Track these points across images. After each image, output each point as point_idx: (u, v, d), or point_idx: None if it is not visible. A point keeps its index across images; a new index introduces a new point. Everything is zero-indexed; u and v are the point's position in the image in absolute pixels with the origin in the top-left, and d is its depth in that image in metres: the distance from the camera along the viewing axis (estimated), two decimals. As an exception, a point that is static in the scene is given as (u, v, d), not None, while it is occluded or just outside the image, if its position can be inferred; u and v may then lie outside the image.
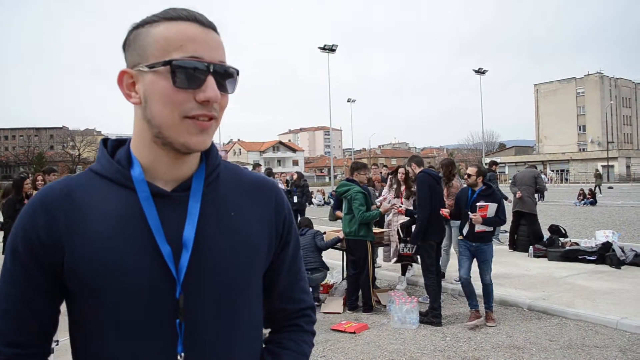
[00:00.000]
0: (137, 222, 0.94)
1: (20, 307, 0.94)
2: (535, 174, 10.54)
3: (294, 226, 1.16)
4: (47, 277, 0.94)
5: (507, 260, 9.25)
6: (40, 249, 0.92)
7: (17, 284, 0.94)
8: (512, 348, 4.90)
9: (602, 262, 8.49)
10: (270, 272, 1.11)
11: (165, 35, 0.92)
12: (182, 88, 0.90)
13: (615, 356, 4.60)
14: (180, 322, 0.93)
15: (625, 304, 6.06)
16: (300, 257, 1.18)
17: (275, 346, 1.12)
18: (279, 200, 1.12)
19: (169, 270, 0.93)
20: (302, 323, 1.16)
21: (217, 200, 1.02)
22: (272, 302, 1.14)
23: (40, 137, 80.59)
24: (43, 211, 0.94)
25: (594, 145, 74.76)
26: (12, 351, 0.93)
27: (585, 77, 79.47)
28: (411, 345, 5.07)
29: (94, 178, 0.99)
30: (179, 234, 0.95)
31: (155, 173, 0.99)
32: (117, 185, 0.97)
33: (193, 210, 0.97)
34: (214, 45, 0.94)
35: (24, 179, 7.79)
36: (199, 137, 0.93)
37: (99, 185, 0.98)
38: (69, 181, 0.99)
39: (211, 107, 0.93)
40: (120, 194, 0.96)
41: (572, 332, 5.32)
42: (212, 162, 1.06)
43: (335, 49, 44.02)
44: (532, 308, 6.17)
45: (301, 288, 1.17)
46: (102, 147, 1.04)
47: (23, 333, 0.94)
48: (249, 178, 1.11)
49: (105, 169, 0.99)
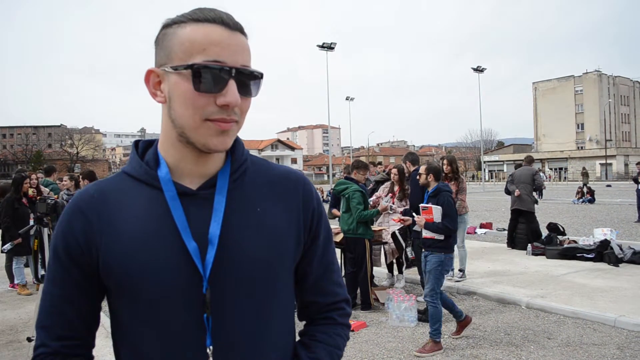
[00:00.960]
0: (165, 221, 0.97)
1: (62, 305, 1.01)
2: (533, 171, 10.54)
3: (324, 218, 1.15)
4: (85, 276, 1.00)
5: (505, 258, 9.27)
6: (77, 251, 0.99)
7: (59, 283, 1.01)
8: (510, 345, 4.90)
9: (600, 260, 8.51)
10: (301, 265, 1.12)
11: (190, 38, 0.93)
12: (203, 92, 0.92)
13: (613, 354, 4.61)
14: (207, 316, 0.95)
15: (624, 301, 6.07)
16: (332, 250, 1.17)
17: (308, 338, 1.12)
18: (307, 193, 1.11)
19: (196, 267, 0.95)
20: (335, 316, 1.15)
21: (243, 196, 1.03)
22: (305, 295, 1.15)
23: (39, 135, 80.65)
24: (78, 215, 1.00)
25: (592, 143, 74.88)
26: (58, 344, 1.01)
27: (584, 75, 79.56)
28: (409, 343, 5.07)
29: (125, 179, 1.04)
30: (205, 230, 0.97)
31: (181, 171, 1.01)
32: (146, 185, 1.01)
33: (218, 206, 0.99)
34: (238, 49, 0.95)
35: (25, 178, 7.78)
36: (219, 139, 0.95)
37: (129, 186, 1.02)
38: (102, 184, 1.05)
39: (231, 111, 0.94)
40: (148, 194, 1.00)
41: (570, 329, 5.33)
42: (238, 158, 1.07)
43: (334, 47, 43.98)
44: (530, 306, 6.18)
45: (333, 281, 1.17)
46: (133, 148, 1.08)
47: (66, 328, 1.01)
48: (277, 172, 1.11)
49: (135, 170, 1.03)
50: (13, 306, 6.97)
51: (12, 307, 6.93)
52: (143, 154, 1.07)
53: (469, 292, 6.94)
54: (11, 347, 5.23)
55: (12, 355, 5.01)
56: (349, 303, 1.20)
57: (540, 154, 71.94)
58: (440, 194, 5.01)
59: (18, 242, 7.25)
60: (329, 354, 1.10)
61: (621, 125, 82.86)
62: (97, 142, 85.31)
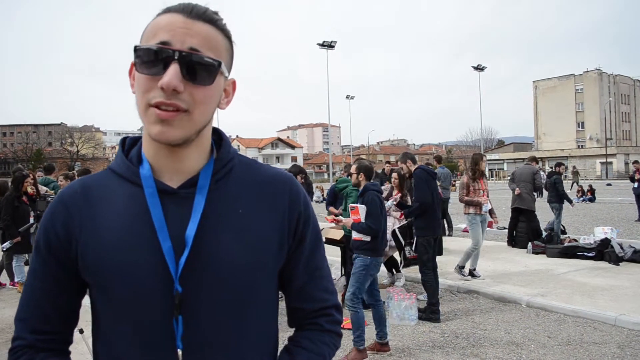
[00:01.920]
0: (143, 218, 0.95)
1: (41, 298, 1.01)
2: (534, 170, 10.53)
3: (312, 221, 1.10)
4: (65, 270, 0.99)
5: (505, 257, 9.27)
6: (57, 244, 0.99)
7: (38, 276, 1.01)
8: (511, 344, 4.90)
9: (601, 259, 8.51)
10: (286, 270, 1.08)
11: (150, 27, 0.95)
12: (142, 73, 0.91)
13: (613, 353, 4.61)
14: (177, 318, 0.93)
15: (624, 300, 6.07)
16: (321, 254, 1.13)
17: (292, 344, 1.09)
18: (294, 195, 1.07)
19: (168, 267, 0.93)
20: (322, 322, 1.11)
21: (225, 197, 1.00)
22: (291, 301, 1.12)
23: (39, 134, 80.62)
24: (61, 208, 1.00)
25: (593, 142, 74.88)
26: (33, 337, 1.01)
27: (584, 73, 79.54)
28: (410, 341, 5.07)
29: (110, 176, 1.03)
30: (183, 231, 0.95)
31: (159, 168, 1.00)
32: (128, 182, 1.00)
33: (197, 207, 0.97)
34: (189, 33, 0.92)
35: (25, 177, 7.77)
36: (159, 127, 0.90)
37: (113, 182, 1.02)
38: (87, 179, 1.05)
39: (172, 96, 0.89)
40: (130, 191, 0.99)
41: (571, 328, 5.33)
42: (222, 157, 1.04)
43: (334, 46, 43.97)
44: (530, 304, 6.18)
45: (321, 286, 1.12)
46: (119, 145, 1.08)
47: (44, 322, 1.01)
48: (265, 173, 1.08)
49: (119, 166, 1.03)
50: (12, 304, 6.97)
51: (12, 305, 6.92)
52: (129, 151, 1.05)
53: (469, 290, 6.94)
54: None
55: (12, 353, 5.00)
56: (338, 310, 1.14)
57: (541, 153, 71.86)
58: (366, 193, 4.82)
59: (17, 240, 7.26)
60: None
61: (621, 124, 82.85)
62: (98, 141, 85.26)
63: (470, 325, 5.50)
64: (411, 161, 6.44)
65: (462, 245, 10.72)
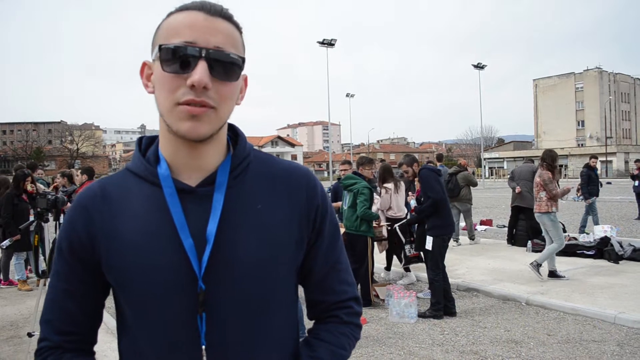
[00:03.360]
0: (163, 218, 0.96)
1: (65, 299, 1.02)
2: (534, 168, 10.53)
3: (330, 214, 1.10)
4: (88, 272, 1.01)
5: (505, 255, 9.27)
6: (79, 247, 1.00)
7: (62, 278, 1.03)
8: (510, 342, 4.91)
9: (601, 257, 8.52)
10: (306, 263, 1.08)
11: (169, 25, 0.95)
12: (170, 73, 0.91)
13: (612, 350, 4.61)
14: (201, 315, 0.94)
15: (623, 298, 6.08)
16: (339, 247, 1.13)
17: (312, 337, 1.10)
18: (311, 188, 1.08)
19: (191, 265, 0.94)
20: (342, 314, 1.11)
21: (243, 193, 1.01)
22: (310, 294, 1.12)
23: (39, 132, 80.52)
24: (81, 212, 1.01)
25: (593, 141, 74.85)
26: (59, 338, 1.02)
27: (584, 72, 79.48)
28: (409, 339, 5.08)
29: (128, 176, 1.04)
30: (203, 228, 0.96)
31: (178, 166, 1.00)
32: (147, 182, 1.01)
33: (217, 204, 0.97)
34: (212, 31, 0.93)
35: (26, 175, 7.77)
36: (190, 123, 0.92)
37: (132, 183, 1.02)
38: (105, 181, 1.06)
39: (202, 93, 0.90)
40: (149, 191, 1.00)
41: (570, 326, 5.34)
42: (239, 153, 1.05)
43: (334, 44, 43.90)
44: (530, 302, 6.19)
45: (340, 279, 1.12)
46: (136, 145, 1.08)
47: (69, 323, 1.03)
48: (281, 167, 1.08)
49: (136, 166, 1.03)
50: (13, 302, 6.98)
51: (13, 302, 6.94)
52: (146, 151, 1.06)
53: (469, 288, 6.94)
54: (12, 343, 5.24)
55: (12, 350, 5.02)
56: (358, 301, 1.15)
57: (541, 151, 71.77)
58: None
59: (17, 238, 7.26)
60: (331, 353, 1.06)
61: (621, 123, 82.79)
62: (97, 139, 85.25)
63: (469, 323, 5.51)
64: (417, 164, 6.44)
65: (462, 243, 10.73)
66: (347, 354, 1.10)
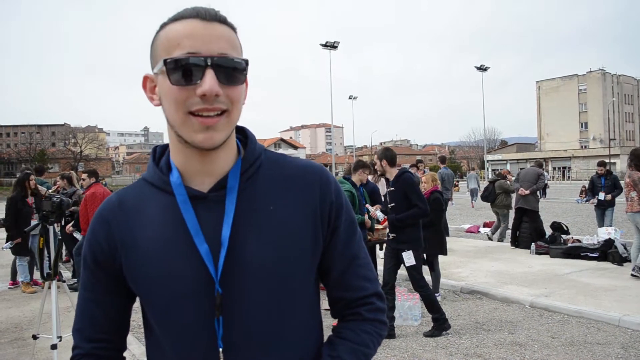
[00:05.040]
0: (178, 225, 0.98)
1: (93, 308, 1.07)
2: (539, 172, 10.57)
3: (345, 209, 1.09)
4: (112, 281, 1.05)
5: (509, 257, 9.26)
6: (102, 257, 1.03)
7: (89, 288, 1.07)
8: (514, 345, 4.90)
9: (605, 259, 8.50)
10: (324, 261, 1.08)
11: (167, 36, 0.95)
12: (179, 85, 0.92)
13: (617, 353, 4.60)
14: (218, 318, 0.96)
15: (628, 301, 6.06)
16: (357, 242, 1.11)
17: (334, 336, 1.09)
18: (324, 184, 1.07)
19: (208, 270, 0.96)
20: (362, 311, 1.09)
21: (255, 196, 1.01)
22: (331, 291, 1.12)
23: (42, 134, 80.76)
24: (102, 223, 1.05)
25: (596, 143, 74.67)
26: (89, 346, 1.07)
27: (588, 73, 79.31)
28: (413, 341, 5.07)
29: (144, 186, 1.07)
30: (218, 233, 0.97)
31: (190, 173, 1.01)
32: (161, 191, 1.03)
33: (229, 208, 0.98)
34: (213, 38, 0.93)
35: (29, 175, 7.80)
36: (205, 134, 0.93)
37: (147, 192, 1.05)
38: (123, 192, 1.09)
39: (214, 101, 0.91)
40: (163, 200, 1.02)
41: (574, 329, 5.32)
42: (249, 156, 1.05)
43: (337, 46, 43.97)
44: (534, 305, 6.17)
45: (360, 274, 1.10)
46: (151, 155, 1.10)
47: (97, 331, 1.07)
48: (293, 166, 1.08)
49: (151, 176, 1.06)
50: (18, 304, 7.00)
51: (17, 305, 6.96)
52: (159, 160, 1.08)
53: (472, 291, 6.93)
54: (16, 345, 5.26)
55: (17, 352, 5.03)
56: (380, 297, 1.12)
57: (544, 153, 71.76)
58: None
59: (18, 241, 7.29)
60: (352, 352, 1.05)
61: (625, 124, 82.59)
62: (101, 141, 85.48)
63: (473, 326, 5.50)
64: (387, 162, 5.51)
65: (466, 245, 10.73)
66: (370, 352, 1.08)
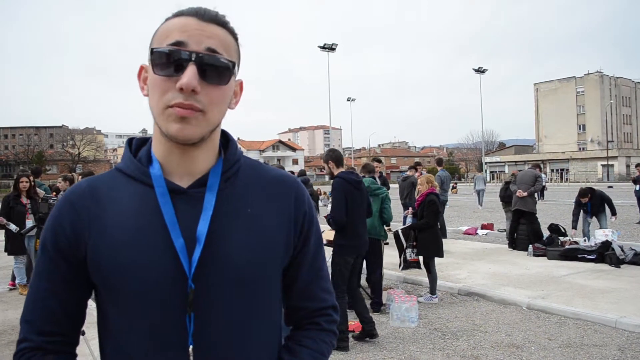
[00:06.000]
0: (154, 217, 0.97)
1: (47, 298, 1.00)
2: (537, 174, 10.59)
3: (315, 223, 1.13)
4: (72, 270, 0.99)
5: (506, 259, 9.27)
6: (65, 244, 0.98)
7: (45, 276, 1.00)
8: (511, 347, 4.90)
9: (602, 261, 8.50)
10: (291, 269, 1.10)
11: (162, 29, 0.97)
12: (160, 75, 0.93)
13: (614, 355, 4.61)
14: (190, 315, 0.94)
15: (625, 302, 6.07)
16: (322, 255, 1.15)
17: (294, 343, 1.11)
18: (299, 196, 1.10)
19: (181, 264, 0.94)
20: (322, 322, 1.13)
21: (234, 196, 1.02)
22: (293, 300, 1.13)
23: (40, 136, 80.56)
24: (68, 208, 1.00)
25: (594, 145, 74.76)
26: (40, 339, 1.00)
27: (585, 76, 79.42)
28: (410, 343, 5.08)
29: (118, 176, 1.04)
30: (194, 229, 0.96)
31: (170, 168, 1.01)
32: (138, 182, 1.01)
33: (208, 205, 0.98)
34: (204, 35, 0.94)
35: (21, 176, 7.83)
36: (178, 125, 0.93)
37: (121, 182, 1.02)
38: (94, 179, 1.06)
39: (190, 97, 0.91)
40: (139, 191, 1.00)
41: (571, 330, 5.33)
42: (230, 157, 1.06)
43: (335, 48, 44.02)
44: (531, 307, 6.18)
45: (322, 287, 1.15)
46: (126, 146, 1.09)
47: (50, 323, 1.00)
48: (270, 174, 1.10)
49: (128, 166, 1.04)
50: (15, 306, 6.98)
51: (14, 307, 6.94)
52: (137, 152, 1.07)
53: (470, 293, 6.94)
54: (13, 347, 5.20)
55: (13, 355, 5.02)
56: (335, 310, 1.17)
57: (542, 155, 71.84)
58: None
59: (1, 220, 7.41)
60: (312, 359, 1.08)
61: (623, 127, 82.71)
62: (99, 143, 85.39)
63: (470, 328, 5.51)
64: (334, 163, 5.25)
65: (463, 247, 10.74)
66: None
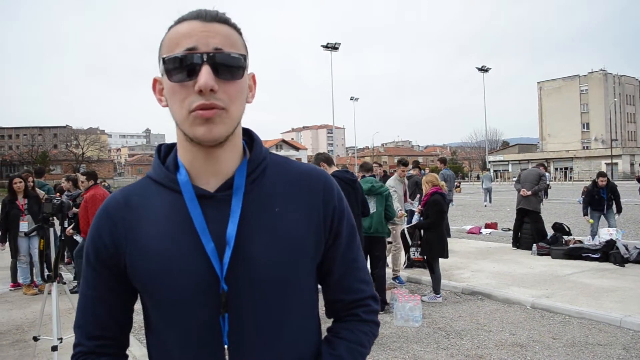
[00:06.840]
0: (184, 223, 1.00)
1: (95, 306, 1.07)
2: (541, 173, 10.56)
3: (347, 215, 1.13)
4: (115, 278, 1.05)
5: (510, 258, 9.25)
6: (105, 254, 1.04)
7: (91, 285, 1.07)
8: (515, 346, 4.89)
9: (606, 260, 8.48)
10: (324, 263, 1.11)
11: (169, 38, 0.98)
12: (177, 82, 0.95)
13: (618, 354, 4.59)
14: (224, 316, 0.97)
15: (629, 301, 6.05)
16: (357, 246, 1.15)
17: (332, 335, 1.13)
18: (328, 190, 1.10)
19: (213, 267, 0.97)
20: (360, 312, 1.14)
21: (261, 197, 1.03)
22: (329, 293, 1.15)
23: (44, 136, 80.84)
24: (106, 220, 1.05)
25: (598, 143, 74.53)
26: (92, 343, 1.07)
27: (589, 74, 79.19)
28: (414, 343, 5.07)
29: (149, 184, 1.08)
30: (223, 232, 0.98)
31: (196, 172, 1.03)
32: (167, 189, 1.04)
33: (235, 208, 1.00)
34: (210, 35, 0.95)
35: (12, 179, 7.81)
36: (204, 127, 0.94)
37: (152, 190, 1.06)
38: (127, 189, 1.09)
39: (210, 97, 0.93)
40: (169, 198, 1.03)
41: (576, 330, 5.31)
42: (255, 157, 1.07)
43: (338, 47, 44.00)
44: (535, 306, 6.16)
45: (358, 278, 1.15)
46: (156, 153, 1.12)
47: (100, 328, 1.07)
48: (297, 170, 1.11)
49: (157, 174, 1.07)
50: (19, 306, 7.01)
51: (18, 307, 6.97)
52: (165, 158, 1.09)
53: (473, 292, 6.93)
54: (17, 347, 5.26)
55: (18, 354, 5.04)
56: (375, 299, 1.17)
57: (546, 154, 71.69)
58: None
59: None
60: (350, 351, 1.09)
61: (627, 125, 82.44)
62: (103, 143, 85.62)
63: (474, 327, 5.49)
64: (325, 163, 5.54)
65: (467, 246, 10.72)
66: (366, 352, 1.13)
